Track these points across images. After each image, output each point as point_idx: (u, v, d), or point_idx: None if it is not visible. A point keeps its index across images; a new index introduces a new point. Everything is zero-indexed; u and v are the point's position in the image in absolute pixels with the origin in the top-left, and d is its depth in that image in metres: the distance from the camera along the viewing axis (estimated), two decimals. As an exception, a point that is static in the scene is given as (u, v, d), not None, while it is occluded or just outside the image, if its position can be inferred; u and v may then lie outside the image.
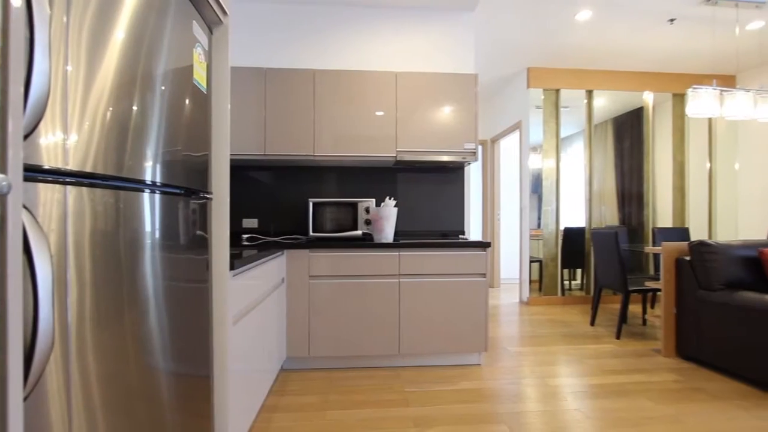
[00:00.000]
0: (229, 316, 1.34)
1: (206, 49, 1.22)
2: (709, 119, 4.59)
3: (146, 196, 0.87)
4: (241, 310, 1.52)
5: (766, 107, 3.03)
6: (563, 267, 4.44)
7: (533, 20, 3.34)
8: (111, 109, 0.75)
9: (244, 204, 2.96)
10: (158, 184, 0.92)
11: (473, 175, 5.84)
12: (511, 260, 5.78)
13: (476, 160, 2.75)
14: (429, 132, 2.71)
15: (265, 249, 2.02)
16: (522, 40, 3.71)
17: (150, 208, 0.89)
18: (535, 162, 4.43)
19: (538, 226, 4.43)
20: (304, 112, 2.65)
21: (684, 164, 4.57)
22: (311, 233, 2.69)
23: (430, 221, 3.07)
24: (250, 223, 2.95)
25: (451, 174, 3.08)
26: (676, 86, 4.53)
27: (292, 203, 2.99)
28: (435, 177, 3.07)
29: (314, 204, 2.71)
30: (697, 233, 4.56)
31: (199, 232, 1.17)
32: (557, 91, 4.40)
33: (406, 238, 2.84)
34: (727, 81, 4.59)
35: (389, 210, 2.50)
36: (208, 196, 1.24)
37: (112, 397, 0.75)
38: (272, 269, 2.07)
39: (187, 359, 1.08)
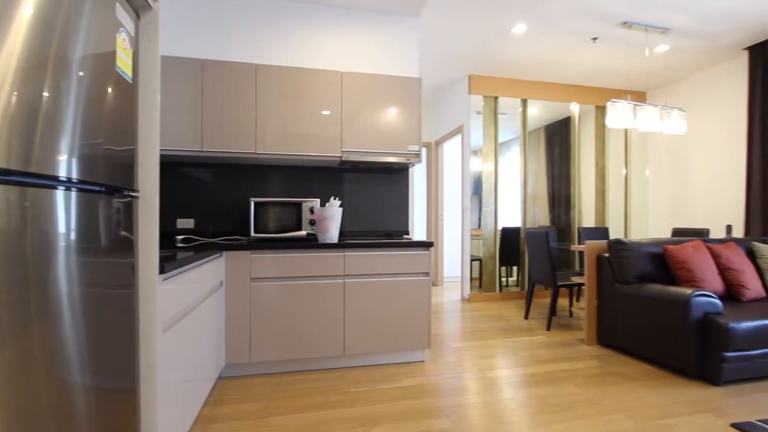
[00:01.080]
0: (159, 324, 1.25)
1: (132, 35, 1.13)
2: (625, 130, 5.12)
3: (60, 193, 0.79)
4: (172, 317, 1.42)
5: (670, 121, 3.45)
6: (501, 265, 4.69)
7: (474, 30, 3.50)
8: (16, 94, 0.67)
9: (179, 203, 2.77)
10: (74, 180, 0.84)
11: (418, 176, 5.98)
12: (453, 259, 6.00)
13: (420, 161, 2.82)
14: (374, 133, 2.73)
15: (202, 250, 1.91)
16: (464, 49, 3.87)
17: (65, 207, 0.80)
18: (476, 165, 4.64)
19: (479, 226, 4.65)
20: (245, 107, 2.55)
21: (605, 170, 5.04)
22: (253, 234, 2.60)
23: (375, 221, 3.09)
24: (186, 223, 2.78)
25: (395, 175, 3.13)
26: (598, 99, 4.99)
27: (233, 203, 2.85)
28: (380, 178, 3.10)
29: (256, 204, 2.61)
30: (616, 232, 5.05)
31: (123, 234, 1.08)
32: (496, 98, 4.65)
33: (351, 238, 2.84)
34: (640, 97, 5.15)
35: (334, 210, 2.48)
36: (133, 194, 1.14)
37: (18, 418, 0.67)
38: (209, 272, 1.96)
39: (109, 372, 0.99)
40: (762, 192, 3.71)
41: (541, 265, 3.46)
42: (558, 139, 4.95)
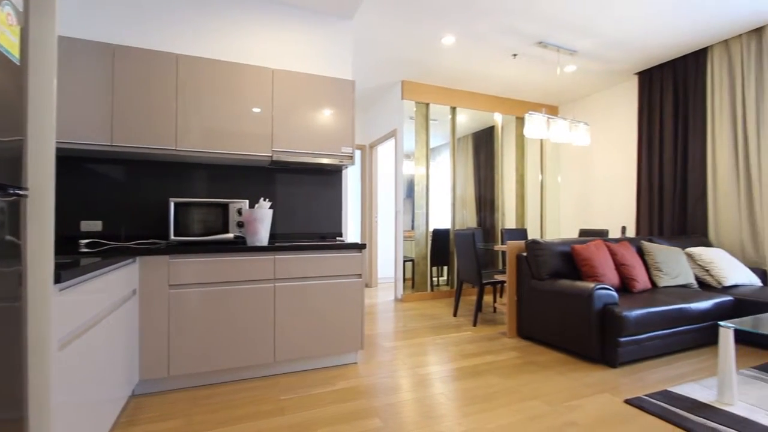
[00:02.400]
0: (53, 340, 1.10)
1: (20, 10, 0.98)
2: (541, 140, 5.62)
3: None
4: (72, 332, 1.26)
5: (577, 134, 3.85)
6: (432, 265, 4.87)
7: (406, 38, 3.60)
8: None
9: (85, 203, 2.47)
10: (-63, 174, 0.71)
11: (352, 178, 5.99)
12: (387, 260, 6.10)
13: (353, 163, 2.83)
14: (306, 133, 2.69)
15: (111, 256, 1.72)
16: (397, 55, 3.96)
17: None
18: (408, 168, 4.77)
19: (412, 227, 4.78)
20: (164, 100, 2.35)
21: (524, 176, 5.48)
22: (172, 237, 2.40)
23: (308, 223, 3.03)
24: (92, 225, 2.48)
25: (329, 177, 3.10)
26: (519, 111, 5.42)
27: (150, 203, 2.61)
28: (313, 179, 3.05)
29: (177, 204, 2.41)
30: (533, 233, 5.51)
31: (8, 238, 0.93)
32: (427, 105, 4.83)
33: (283, 240, 2.75)
34: (553, 110, 5.69)
35: (264, 212, 2.39)
36: (21, 192, 0.99)
37: None
38: (119, 279, 1.78)
39: (-14, 400, 0.85)
40: (648, 199, 4.30)
41: (468, 264, 3.66)
42: (484, 146, 5.28)
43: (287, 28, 2.97)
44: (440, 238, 4.92)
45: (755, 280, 3.28)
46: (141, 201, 2.59)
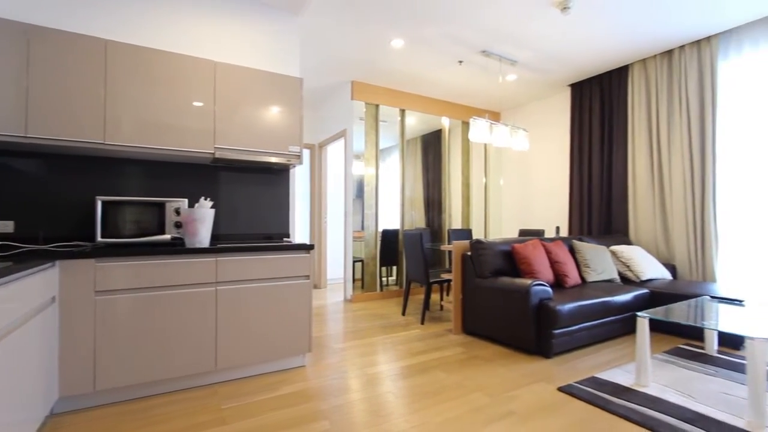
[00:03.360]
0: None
1: None
2: (484, 144, 5.88)
3: None
4: (-26, 346, 1.11)
5: (517, 139, 4.08)
6: (382, 265, 4.92)
7: (355, 39, 3.60)
8: None
9: (-10, 201, 2.19)
10: None
11: (301, 178, 5.88)
12: (337, 261, 6.05)
13: (301, 163, 2.78)
14: (252, 131, 2.59)
15: (25, 260, 1.54)
16: (346, 55, 3.95)
17: None
18: (358, 169, 4.78)
19: (362, 228, 4.79)
20: (90, 89, 2.15)
21: (469, 178, 5.71)
22: (100, 239, 2.20)
23: (253, 224, 2.93)
24: (2, 227, 2.20)
25: (275, 176, 3.01)
26: (464, 115, 5.63)
27: (74, 202, 2.38)
28: (259, 178, 2.95)
29: (105, 203, 2.22)
30: (478, 233, 5.76)
31: None
32: (377, 106, 4.86)
33: (227, 241, 2.63)
34: (496, 116, 5.98)
35: (204, 212, 2.27)
36: None
37: None
38: (33, 287, 1.59)
39: None
40: (579, 201, 4.67)
41: (416, 264, 3.74)
42: (432, 148, 5.42)
43: (232, 20, 2.85)
44: (390, 238, 4.98)
45: (667, 275, 3.69)
46: (62, 200, 2.35)
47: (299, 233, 5.90)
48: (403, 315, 3.99)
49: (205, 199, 2.33)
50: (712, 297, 2.84)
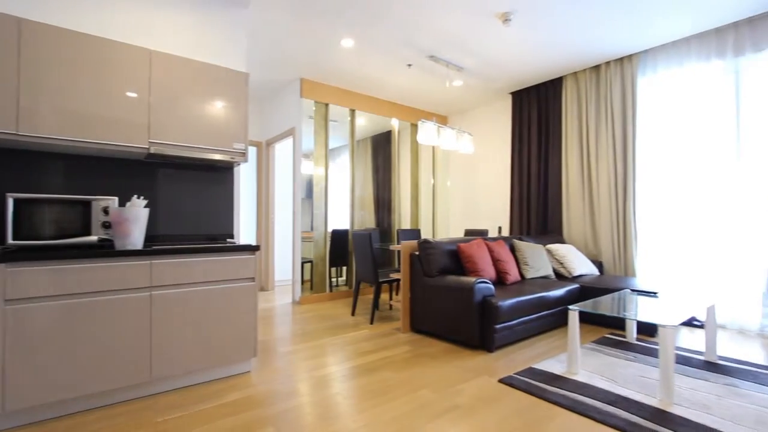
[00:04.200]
0: None
1: None
2: (432, 146, 6.05)
3: None
4: None
5: (463, 143, 4.24)
6: (331, 265, 4.87)
7: (304, 36, 3.54)
8: None
9: None
10: None
11: (247, 176, 5.66)
12: (285, 262, 5.90)
13: (246, 161, 2.68)
14: (193, 126, 2.45)
15: None
16: (295, 52, 3.87)
17: None
18: (307, 168, 4.69)
19: (311, 228, 4.71)
20: (1, 73, 1.91)
21: (418, 179, 5.84)
22: (11, 241, 1.96)
23: (195, 224, 2.77)
24: None
25: (219, 174, 2.88)
26: (413, 118, 5.75)
27: (-23, 199, 2.10)
28: (201, 176, 2.80)
29: (19, 201, 1.98)
30: (426, 232, 5.90)
31: None
32: (327, 105, 4.81)
33: (165, 243, 2.47)
34: (444, 120, 6.17)
35: (137, 211, 2.11)
36: None
37: None
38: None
39: None
40: (519, 202, 4.96)
41: (365, 264, 3.75)
42: (382, 149, 5.47)
43: (173, 8, 2.67)
44: (339, 238, 4.95)
45: (595, 270, 4.02)
46: (-36, 196, 2.06)
47: (245, 234, 5.68)
48: (353, 315, 3.98)
49: (139, 198, 2.17)
50: (632, 290, 3.14)
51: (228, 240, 2.87)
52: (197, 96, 2.47)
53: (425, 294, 3.26)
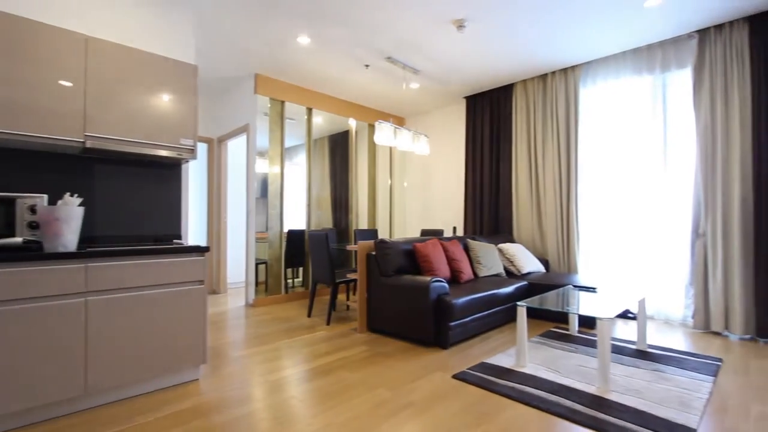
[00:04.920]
0: None
1: None
2: (390, 147, 6.10)
3: None
4: None
5: (419, 144, 4.32)
6: (287, 266, 4.76)
7: (260, 30, 3.43)
8: None
9: None
10: None
11: (198, 174, 5.40)
12: (238, 263, 5.69)
13: (195, 158, 2.55)
14: (136, 120, 2.30)
15: None
16: (249, 46, 3.74)
17: None
18: (262, 167, 4.56)
19: (266, 228, 4.58)
20: None
21: (375, 179, 5.86)
22: None
23: (139, 224, 2.60)
24: None
25: (165, 171, 2.72)
26: (371, 118, 5.76)
27: None
28: (146, 173, 2.63)
29: (-76, 198, 1.75)
30: (383, 232, 5.94)
31: None
32: (282, 102, 4.70)
33: (105, 244, 2.29)
34: (401, 121, 6.25)
35: (69, 210, 1.94)
36: None
37: None
38: None
39: None
40: (473, 203, 5.13)
41: (322, 264, 3.71)
42: (339, 149, 5.44)
43: (110, -8, 2.49)
44: (295, 239, 4.85)
45: (542, 268, 4.25)
46: None
47: (195, 234, 5.40)
48: (309, 317, 3.92)
49: (72, 196, 2.00)
50: (574, 286, 3.36)
51: (175, 241, 2.72)
52: (140, 88, 2.32)
53: (382, 294, 3.28)
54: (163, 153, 2.40)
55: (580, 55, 3.97)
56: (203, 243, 5.46)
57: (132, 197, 2.57)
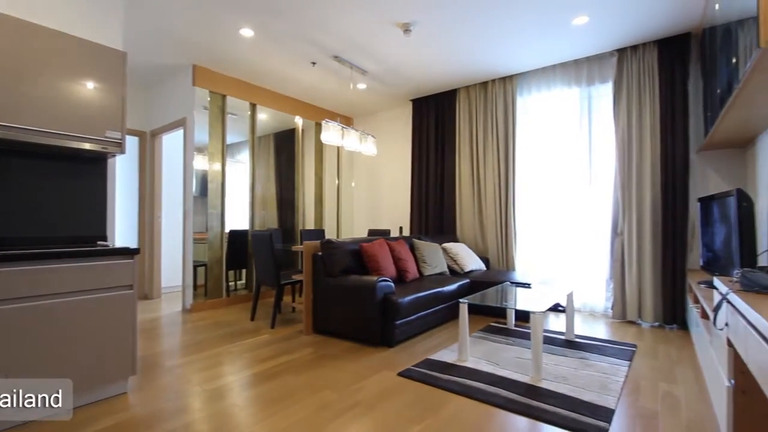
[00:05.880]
0: None
1: None
2: (337, 147, 6.05)
3: None
4: None
5: (366, 145, 4.34)
6: (229, 269, 4.55)
7: (198, 18, 3.24)
8: None
9: None
10: None
11: (128, 170, 4.97)
12: (174, 266, 5.32)
13: (123, 152, 2.35)
14: (53, 109, 2.07)
15: None
16: (188, 35, 3.52)
17: None
18: (202, 163, 4.31)
19: (206, 229, 4.33)
20: None
21: (322, 179, 5.79)
22: None
23: (57, 225, 2.33)
24: None
25: (88, 166, 2.47)
26: (318, 116, 5.68)
27: None
28: (65, 168, 2.37)
29: None
30: (330, 233, 5.88)
31: None
32: (224, 96, 4.48)
33: (17, 247, 2.02)
34: (348, 121, 6.23)
35: (-29, 209, 1.70)
36: None
37: None
38: None
39: None
40: (419, 204, 5.25)
41: (266, 266, 3.59)
42: (285, 147, 5.30)
43: (20, -37, 2.22)
44: (238, 239, 4.65)
45: (483, 266, 4.46)
46: None
47: (124, 235, 4.97)
48: (252, 321, 3.78)
49: (-29, 192, 1.75)
50: (512, 282, 3.56)
51: (99, 243, 2.48)
52: (58, 73, 2.09)
53: (328, 294, 3.25)
54: (87, 146, 2.18)
55: (517, 65, 4.23)
56: (134, 244, 5.04)
57: (50, 195, 2.31)
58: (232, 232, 4.59)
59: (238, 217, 4.69)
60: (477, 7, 3.08)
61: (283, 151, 5.26)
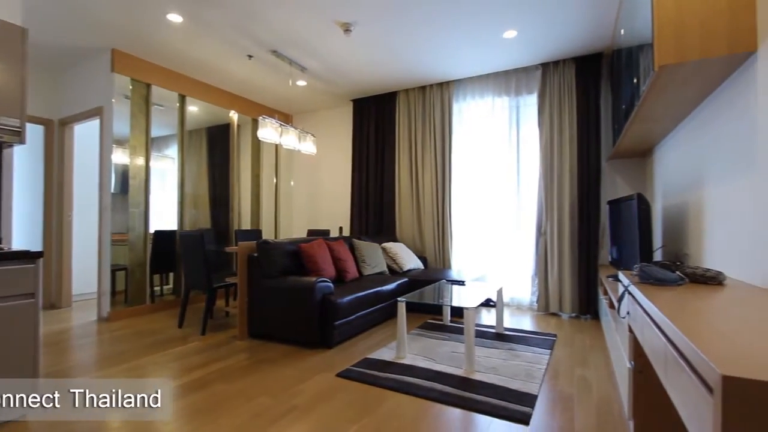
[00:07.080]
0: None
1: None
2: (275, 145, 5.86)
3: None
4: None
5: (306, 144, 4.26)
6: (153, 272, 4.20)
7: (118, 0, 2.96)
8: None
9: None
10: None
11: (31, 162, 4.38)
12: (88, 271, 4.78)
13: (23, 142, 2.06)
14: (-72, 88, 1.76)
15: None
16: (106, 15, 3.19)
17: None
18: (122, 158, 3.93)
19: (127, 229, 3.96)
20: None
21: (260, 177, 5.58)
22: None
23: (-70, 225, 1.99)
24: None
25: (-22, 157, 2.14)
26: (255, 112, 5.45)
27: None
28: (-57, 158, 2.03)
29: None
30: (268, 233, 5.68)
31: None
32: (149, 85, 4.13)
33: None
34: (287, 118, 6.05)
35: None
36: None
37: None
38: None
39: None
40: (359, 204, 5.27)
41: (196, 268, 3.37)
42: (219, 143, 5.02)
43: None
44: (164, 240, 4.31)
45: (421, 265, 4.59)
46: None
47: (25, 236, 4.36)
48: (180, 327, 3.52)
49: None
50: (447, 280, 3.71)
51: (-8, 246, 2.16)
52: (-64, 47, 1.78)
53: (265, 296, 3.13)
54: (-26, 134, 1.89)
55: (454, 72, 4.41)
56: (37, 247, 4.45)
57: None
58: (158, 233, 4.25)
59: (165, 217, 4.35)
60: (414, 14, 3.16)
61: (216, 146, 4.98)
